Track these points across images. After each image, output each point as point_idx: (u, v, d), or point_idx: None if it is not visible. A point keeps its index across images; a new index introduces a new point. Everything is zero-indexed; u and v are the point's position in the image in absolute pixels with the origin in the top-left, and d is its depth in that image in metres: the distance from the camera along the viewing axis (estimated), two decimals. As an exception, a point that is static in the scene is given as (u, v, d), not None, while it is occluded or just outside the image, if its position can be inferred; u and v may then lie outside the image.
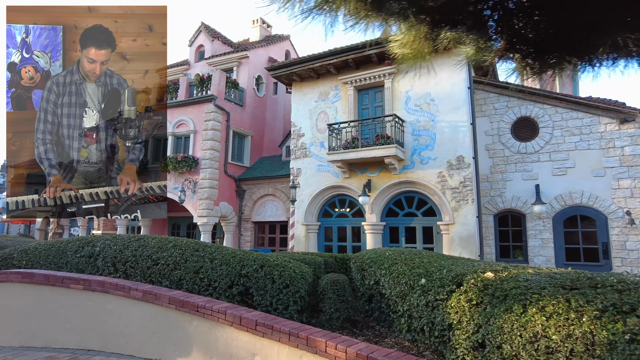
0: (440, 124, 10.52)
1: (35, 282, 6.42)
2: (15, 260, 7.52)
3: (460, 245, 9.85)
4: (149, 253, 6.76)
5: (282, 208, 13.86)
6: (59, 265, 7.26)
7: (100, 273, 6.94)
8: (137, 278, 6.61)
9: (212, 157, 13.64)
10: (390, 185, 10.92)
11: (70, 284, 6.24)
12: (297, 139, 12.61)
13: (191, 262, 6.42)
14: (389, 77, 11.30)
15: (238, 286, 6.03)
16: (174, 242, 6.94)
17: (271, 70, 12.64)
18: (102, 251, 7.11)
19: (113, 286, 6.01)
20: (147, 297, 5.75)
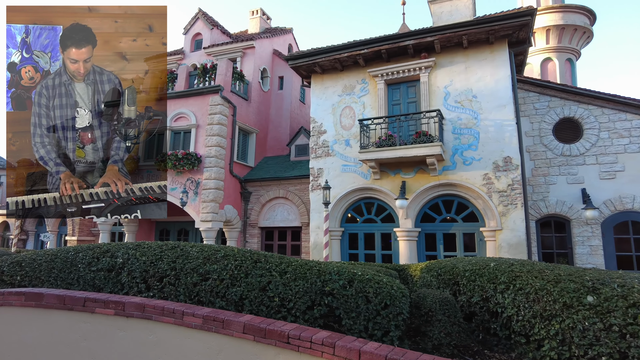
0: (484, 123, 9.78)
1: (45, 306, 4.85)
2: (5, 276, 5.83)
3: (509, 252, 9.09)
4: (194, 265, 5.40)
5: (295, 212, 12.59)
6: (68, 281, 5.70)
7: (125, 292, 5.47)
8: (180, 298, 5.21)
9: (217, 155, 12.15)
10: (428, 188, 10.02)
11: (95, 307, 4.74)
12: (317, 136, 11.46)
13: (254, 277, 5.13)
14: (425, 70, 10.46)
15: (320, 307, 4.82)
16: (223, 251, 5.61)
17: (290, 59, 11.44)
18: (127, 263, 5.64)
19: (158, 310, 4.59)
20: (209, 324, 4.40)
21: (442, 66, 10.39)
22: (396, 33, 10.44)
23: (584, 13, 17.82)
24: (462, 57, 10.24)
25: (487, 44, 9.97)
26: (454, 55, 10.32)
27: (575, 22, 17.58)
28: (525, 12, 9.13)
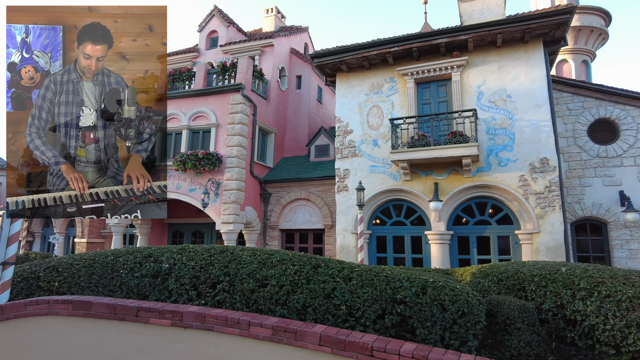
0: (519, 123, 9.54)
1: (95, 316, 4.49)
2: (42, 282, 5.45)
3: (547, 256, 8.83)
4: (249, 271, 5.07)
5: (318, 214, 12.26)
6: (110, 288, 5.33)
7: (174, 299, 5.12)
8: (237, 305, 4.88)
9: (239, 155, 11.80)
10: (462, 190, 9.75)
11: (149, 317, 4.39)
12: (343, 136, 11.15)
13: (316, 283, 4.81)
14: (457, 69, 10.21)
15: (392, 316, 4.51)
16: (278, 254, 5.29)
17: (316, 57, 11.14)
18: (174, 268, 5.30)
19: (221, 320, 4.26)
20: (279, 335, 4.07)
21: (475, 65, 10.14)
22: (428, 31, 10.19)
23: (599, 14, 17.72)
24: (495, 56, 10.01)
25: (522, 43, 9.74)
26: (486, 54, 10.09)
27: (592, 23, 17.48)
28: (564, 10, 8.92)
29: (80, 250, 15.90)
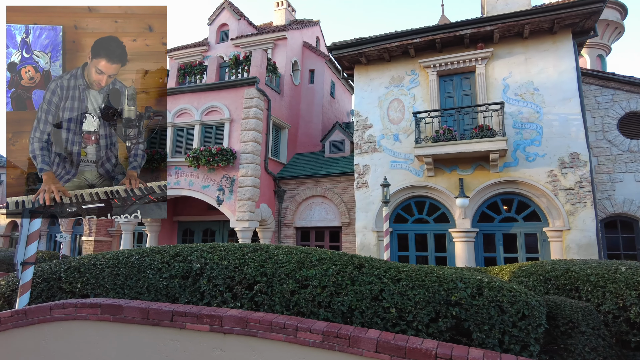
0: (547, 117, 9.21)
1: (125, 320, 4.16)
2: (63, 283, 5.11)
3: (579, 254, 8.52)
4: (288, 270, 4.74)
5: (335, 211, 11.93)
6: (137, 290, 5.00)
7: (207, 302, 4.79)
8: (276, 308, 4.55)
9: (254, 151, 11.45)
10: (488, 186, 9.42)
11: (185, 322, 4.07)
12: (362, 131, 10.81)
13: (362, 284, 4.49)
14: (481, 61, 9.86)
15: (446, 319, 4.18)
16: (316, 253, 4.97)
17: (334, 49, 10.79)
18: (205, 268, 4.97)
19: (265, 325, 3.93)
20: (330, 341, 3.75)
21: (500, 57, 9.80)
22: (447, 23, 9.84)
23: (616, 8, 17.37)
24: (521, 48, 9.67)
25: (550, 33, 9.40)
26: (512, 45, 9.75)
27: (608, 17, 17.11)
28: (596, -1, 8.58)
29: (87, 249, 15.55)
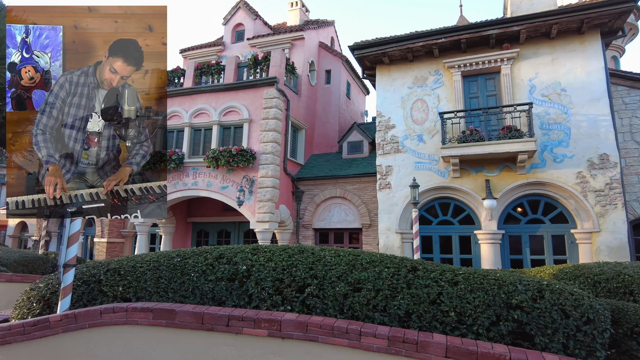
0: (575, 118, 9.13)
1: (178, 325, 4.05)
2: (104, 286, 4.98)
3: (610, 257, 8.42)
4: (339, 273, 4.63)
5: (355, 213, 11.82)
6: (182, 293, 4.87)
7: (255, 305, 4.66)
8: (329, 312, 4.42)
9: (274, 152, 11.34)
10: (515, 187, 9.33)
11: (242, 327, 3.96)
12: (385, 132, 10.72)
13: (418, 287, 4.37)
14: (507, 62, 9.78)
15: (507, 322, 4.07)
16: (366, 255, 4.86)
17: (356, 49, 10.69)
18: (252, 270, 4.85)
19: (326, 329, 3.82)
20: (397, 346, 3.64)
21: (526, 58, 9.72)
22: (478, 22, 9.76)
23: (630, 9, 17.34)
24: (548, 48, 9.59)
25: (578, 34, 9.33)
26: (538, 46, 9.67)
27: (622, 18, 17.08)
28: (627, -2, 8.50)
29: (100, 250, 15.42)
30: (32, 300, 5.02)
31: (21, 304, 5.12)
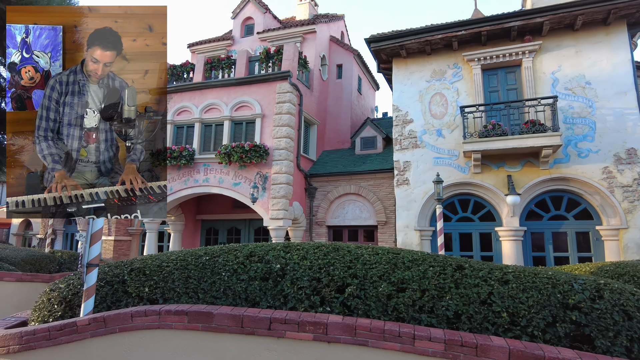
0: (600, 111, 8.89)
1: (216, 329, 3.81)
2: (129, 287, 4.72)
3: (639, 254, 8.22)
4: (380, 272, 4.39)
5: (370, 210, 11.58)
6: (212, 294, 4.62)
7: (292, 306, 4.41)
8: (373, 313, 4.18)
9: (287, 147, 11.08)
10: (537, 183, 9.10)
11: (284, 331, 3.72)
12: (402, 126, 10.47)
13: (467, 287, 4.14)
14: (528, 55, 9.53)
15: (564, 324, 3.84)
16: (406, 254, 4.63)
17: (373, 41, 10.43)
18: (286, 269, 4.60)
19: (377, 333, 3.59)
20: (454, 350, 3.41)
21: (548, 50, 9.48)
22: (499, 14, 9.50)
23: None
24: (571, 40, 9.34)
25: (603, 25, 9.08)
26: (561, 38, 9.42)
27: (635, 12, 16.85)
28: (655, -12, 8.27)
29: (107, 248, 15.14)
30: (53, 302, 4.77)
31: (41, 305, 4.86)
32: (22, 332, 3.87)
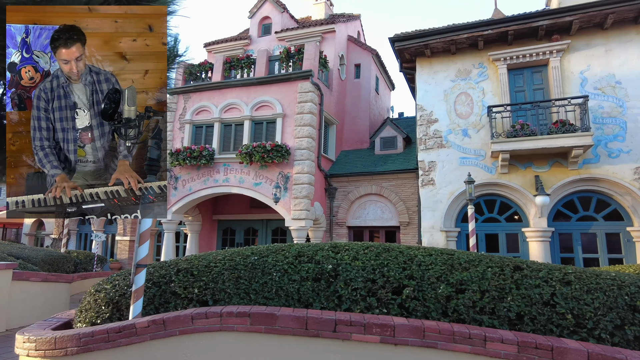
0: (631, 111, 8.80)
1: (279, 332, 3.74)
2: (177, 287, 4.66)
3: (671, 256, 8.14)
4: (437, 273, 4.33)
5: (392, 210, 11.50)
6: (264, 295, 4.56)
7: (347, 307, 4.35)
8: (432, 315, 4.12)
9: (309, 147, 11.01)
10: (566, 183, 9.01)
11: (350, 333, 3.65)
12: (427, 126, 10.39)
13: (528, 287, 4.09)
14: (556, 54, 9.45)
15: (633, 326, 3.78)
16: (461, 254, 4.57)
17: (397, 40, 10.36)
18: (339, 270, 4.54)
19: (446, 335, 3.52)
20: (528, 352, 3.40)
21: (577, 49, 9.40)
22: (526, 12, 9.42)
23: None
24: (601, 39, 9.27)
25: (634, 23, 9.00)
26: (591, 37, 9.34)
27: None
28: (688, -13, 8.19)
29: (122, 248, 15.08)
30: (100, 303, 4.71)
31: (87, 306, 4.81)
32: (80, 334, 3.80)
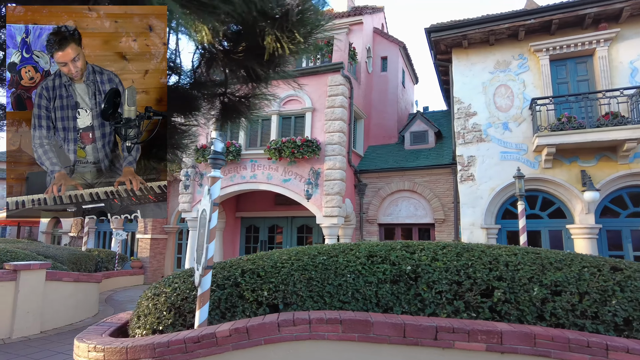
0: (685, 102, 8.46)
1: (374, 340, 3.45)
2: (245, 290, 4.38)
3: None
4: (528, 274, 4.03)
5: (425, 207, 11.19)
6: (340, 298, 4.28)
7: (432, 311, 4.05)
8: (528, 318, 3.82)
9: (340, 142, 10.70)
10: (615, 178, 8.67)
11: (453, 340, 3.35)
12: (465, 119, 10.06)
13: (634, 290, 3.77)
14: (603, 44, 9.09)
15: None
16: (552, 254, 4.29)
17: (434, 31, 10.01)
18: (418, 271, 4.24)
19: (560, 343, 3.21)
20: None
21: (626, 38, 9.02)
22: (571, 0, 9.05)
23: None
24: (659, 25, 8.88)
25: (691, 8, 8.64)
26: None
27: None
28: None
29: (143, 247, 14.85)
30: (161, 309, 4.43)
31: (145, 311, 4.53)
32: (154, 344, 3.52)
